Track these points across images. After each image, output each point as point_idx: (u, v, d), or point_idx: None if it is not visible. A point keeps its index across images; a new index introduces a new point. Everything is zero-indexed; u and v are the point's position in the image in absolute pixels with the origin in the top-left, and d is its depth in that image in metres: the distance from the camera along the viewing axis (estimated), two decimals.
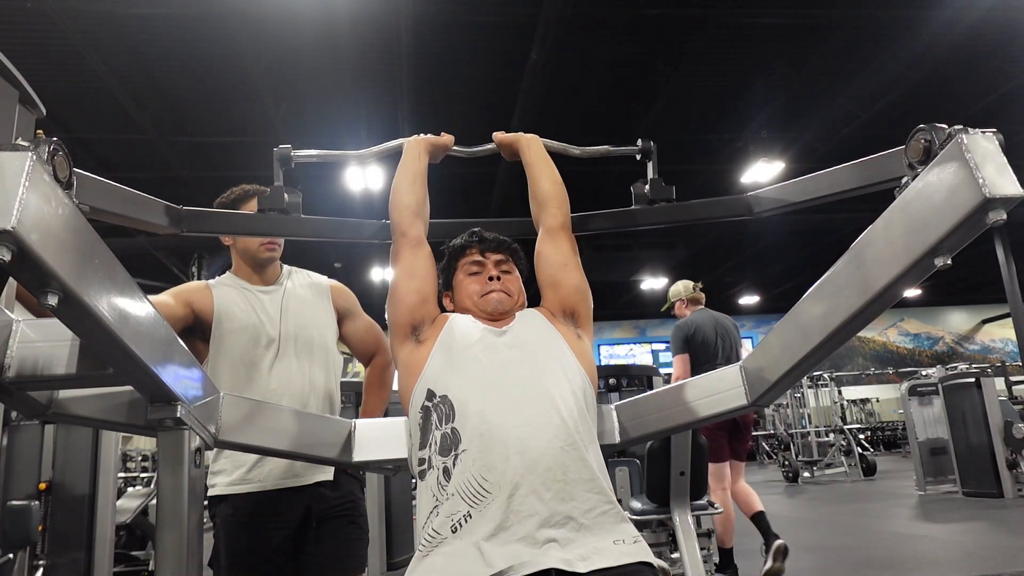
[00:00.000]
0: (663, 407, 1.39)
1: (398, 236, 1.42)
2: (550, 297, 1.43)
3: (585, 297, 1.43)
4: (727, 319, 4.33)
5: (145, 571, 4.48)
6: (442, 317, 1.38)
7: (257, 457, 1.71)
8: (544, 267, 1.45)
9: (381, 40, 6.21)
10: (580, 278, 1.44)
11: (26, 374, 0.93)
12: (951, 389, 7.75)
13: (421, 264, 1.39)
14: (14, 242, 0.62)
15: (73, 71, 6.44)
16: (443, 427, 1.18)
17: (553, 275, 1.43)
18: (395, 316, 1.36)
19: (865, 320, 1.02)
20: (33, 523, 2.61)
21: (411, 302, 1.35)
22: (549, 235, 1.47)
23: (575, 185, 1.57)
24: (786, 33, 6.56)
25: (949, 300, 18.72)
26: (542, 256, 1.46)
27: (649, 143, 1.59)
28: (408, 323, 1.34)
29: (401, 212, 1.43)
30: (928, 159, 0.92)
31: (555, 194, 1.52)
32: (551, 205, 1.50)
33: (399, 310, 1.36)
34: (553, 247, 1.45)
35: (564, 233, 1.47)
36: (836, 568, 4.41)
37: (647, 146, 1.59)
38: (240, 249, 1.91)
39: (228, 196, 1.91)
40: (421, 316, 1.35)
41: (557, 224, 1.48)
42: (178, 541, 1.01)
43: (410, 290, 1.36)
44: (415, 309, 1.35)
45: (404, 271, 1.38)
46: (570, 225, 1.50)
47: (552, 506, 1.08)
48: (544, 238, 1.48)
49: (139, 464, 10.45)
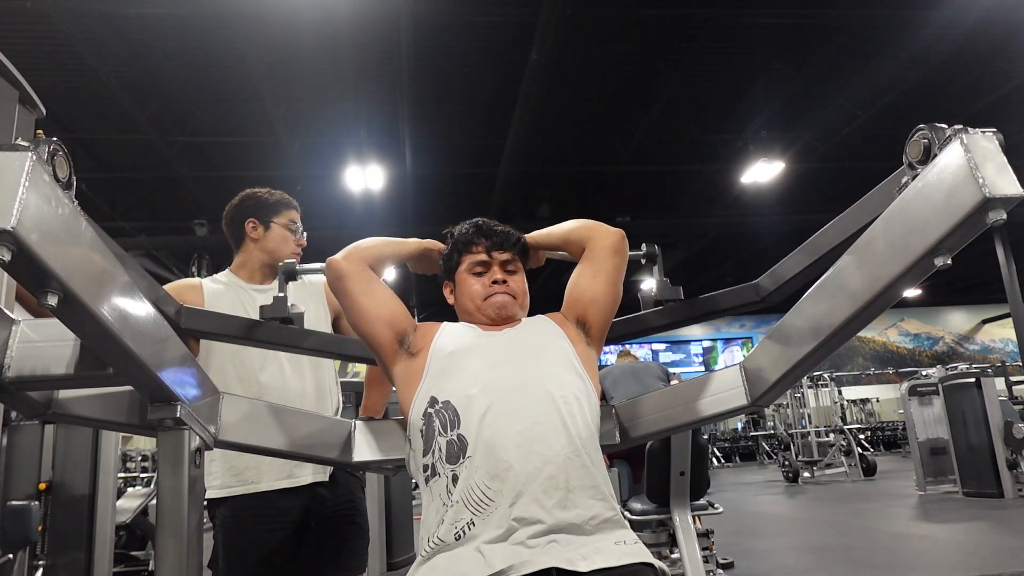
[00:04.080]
0: (663, 407, 1.39)
1: (336, 269, 1.34)
2: (569, 304, 1.40)
3: (602, 309, 1.37)
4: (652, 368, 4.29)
5: (145, 571, 4.48)
6: (430, 326, 1.36)
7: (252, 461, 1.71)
8: (576, 276, 1.41)
9: (381, 40, 6.21)
10: (605, 291, 1.37)
11: (26, 374, 0.93)
12: (951, 389, 7.75)
13: (376, 285, 1.35)
14: (14, 242, 0.62)
15: (73, 71, 6.45)
16: (448, 434, 1.16)
17: (580, 284, 1.39)
18: (377, 337, 1.32)
19: (865, 320, 1.02)
20: (33, 523, 2.61)
21: (386, 316, 1.32)
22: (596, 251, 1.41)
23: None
24: (786, 33, 6.57)
25: (949, 300, 18.73)
26: (581, 268, 1.41)
27: (654, 247, 1.56)
28: (393, 338, 1.32)
29: (355, 261, 1.35)
30: (928, 159, 0.92)
31: (594, 225, 1.45)
32: (597, 232, 1.43)
33: (379, 329, 1.31)
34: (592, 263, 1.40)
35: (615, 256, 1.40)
36: (836, 568, 4.41)
37: (651, 251, 1.56)
38: (266, 248, 1.90)
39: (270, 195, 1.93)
40: (403, 327, 1.33)
41: (608, 243, 1.40)
42: (178, 541, 1.01)
43: (380, 307, 1.32)
44: (394, 322, 1.32)
45: (363, 296, 1.33)
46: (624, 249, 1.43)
47: (555, 514, 1.08)
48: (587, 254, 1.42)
49: (139, 464, 10.46)
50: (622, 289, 1.42)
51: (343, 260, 1.35)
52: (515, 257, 1.43)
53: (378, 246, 1.41)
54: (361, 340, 1.38)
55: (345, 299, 1.35)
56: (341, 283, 1.34)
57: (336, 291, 1.37)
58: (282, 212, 1.92)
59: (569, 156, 8.98)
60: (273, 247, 1.90)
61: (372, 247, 1.40)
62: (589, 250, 1.42)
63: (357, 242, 1.40)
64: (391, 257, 1.44)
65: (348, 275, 1.34)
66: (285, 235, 1.91)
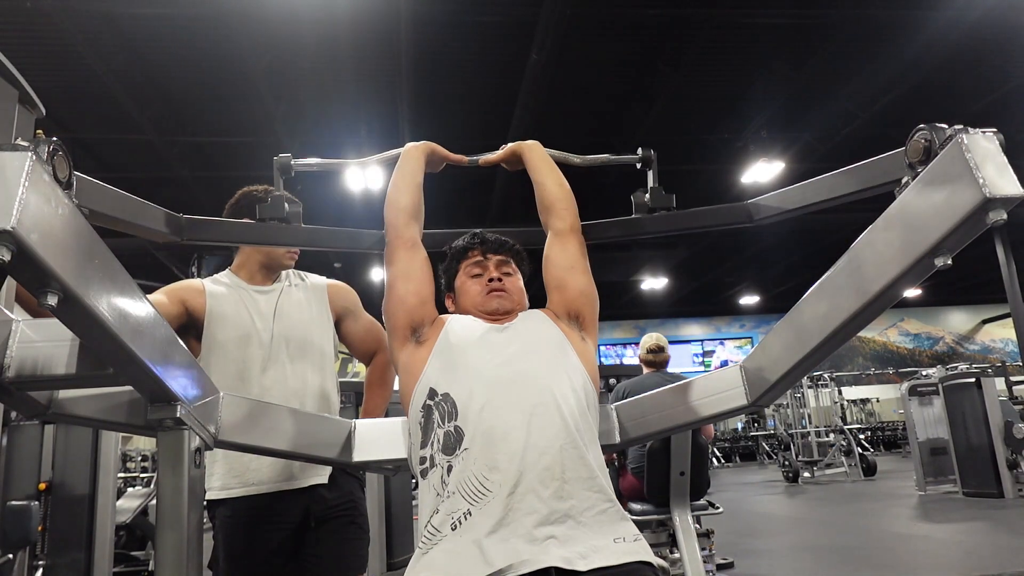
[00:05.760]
0: (663, 407, 1.39)
1: (393, 237, 1.41)
2: (555, 299, 1.42)
3: (591, 301, 1.41)
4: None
5: (145, 571, 4.48)
6: (441, 318, 1.38)
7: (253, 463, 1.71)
8: (551, 269, 1.44)
9: (381, 40, 6.20)
10: (587, 281, 1.42)
11: (26, 374, 0.93)
12: (951, 389, 7.75)
13: (418, 266, 1.38)
14: (14, 242, 0.62)
15: (73, 71, 6.44)
16: (445, 425, 1.18)
17: (560, 277, 1.42)
18: (394, 319, 1.35)
19: (865, 320, 1.02)
20: (33, 523, 2.61)
21: (410, 304, 1.35)
22: (557, 238, 1.46)
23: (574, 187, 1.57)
24: (786, 33, 6.56)
25: (949, 300, 18.72)
26: (550, 259, 1.45)
27: (649, 151, 1.58)
28: (408, 325, 1.34)
29: (397, 213, 1.42)
30: (928, 159, 0.92)
31: (561, 196, 1.51)
32: (558, 207, 1.49)
33: (398, 313, 1.35)
34: (561, 249, 1.44)
35: (573, 236, 1.46)
36: (836, 568, 4.41)
37: (647, 154, 1.58)
38: (264, 249, 1.89)
39: (237, 201, 1.90)
40: (420, 317, 1.35)
41: (565, 226, 1.46)
42: (178, 541, 1.01)
43: (408, 292, 1.36)
44: (414, 311, 1.34)
45: (401, 273, 1.37)
46: (579, 227, 1.49)
47: (551, 504, 1.09)
48: (552, 241, 1.47)
49: (139, 464, 10.46)
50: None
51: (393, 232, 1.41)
52: (510, 260, 1.47)
53: (406, 189, 1.45)
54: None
55: (388, 265, 1.41)
56: (391, 253, 1.41)
57: (387, 256, 1.42)
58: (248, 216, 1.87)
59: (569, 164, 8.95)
60: (267, 249, 1.88)
61: (404, 193, 1.44)
62: (553, 231, 1.47)
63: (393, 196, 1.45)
64: (417, 186, 1.47)
65: (395, 253, 1.39)
66: None
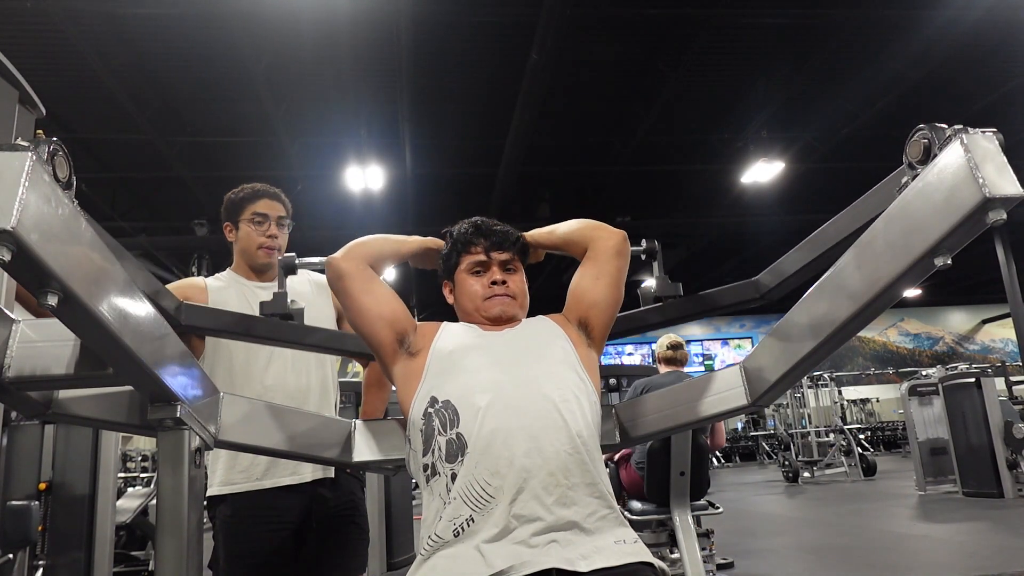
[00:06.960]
0: (663, 407, 1.39)
1: (345, 278, 1.32)
2: (571, 305, 1.39)
3: (604, 313, 1.37)
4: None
5: (145, 571, 4.48)
6: (430, 326, 1.36)
7: (259, 456, 1.71)
8: (578, 277, 1.40)
9: (381, 40, 6.21)
10: (607, 294, 1.37)
11: (26, 374, 0.93)
12: (951, 389, 7.75)
13: (376, 281, 1.35)
14: (14, 242, 0.62)
15: (73, 71, 6.45)
16: (447, 432, 1.16)
17: (581, 285, 1.39)
18: (378, 336, 1.31)
19: (865, 320, 1.02)
20: (33, 523, 2.61)
21: (387, 315, 1.32)
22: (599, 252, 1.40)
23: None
24: (786, 33, 6.57)
25: (949, 300, 18.73)
26: (584, 270, 1.40)
27: (654, 243, 1.55)
28: (393, 338, 1.31)
29: (355, 260, 1.34)
30: (928, 159, 0.92)
31: (596, 226, 1.44)
32: (600, 233, 1.42)
33: (380, 329, 1.31)
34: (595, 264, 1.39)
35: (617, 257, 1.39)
36: (836, 568, 4.41)
37: (651, 246, 1.56)
38: (240, 249, 1.92)
39: (238, 193, 1.92)
40: (403, 327, 1.32)
41: (610, 245, 1.39)
42: (178, 541, 1.01)
43: (381, 304, 1.32)
44: (395, 322, 1.32)
45: (363, 296, 1.32)
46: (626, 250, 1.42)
47: (555, 511, 1.08)
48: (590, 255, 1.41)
49: (139, 464, 10.45)
50: (624, 290, 1.41)
51: (342, 259, 1.34)
52: (514, 257, 1.42)
53: (378, 244, 1.40)
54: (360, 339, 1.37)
55: (345, 298, 1.34)
56: (341, 283, 1.34)
57: (336, 290, 1.36)
58: (246, 208, 1.89)
59: (569, 156, 8.97)
60: (243, 247, 1.90)
61: (372, 245, 1.39)
62: (591, 251, 1.41)
63: (357, 240, 1.39)
64: (391, 255, 1.44)
65: (348, 274, 1.33)
66: (248, 231, 1.88)
